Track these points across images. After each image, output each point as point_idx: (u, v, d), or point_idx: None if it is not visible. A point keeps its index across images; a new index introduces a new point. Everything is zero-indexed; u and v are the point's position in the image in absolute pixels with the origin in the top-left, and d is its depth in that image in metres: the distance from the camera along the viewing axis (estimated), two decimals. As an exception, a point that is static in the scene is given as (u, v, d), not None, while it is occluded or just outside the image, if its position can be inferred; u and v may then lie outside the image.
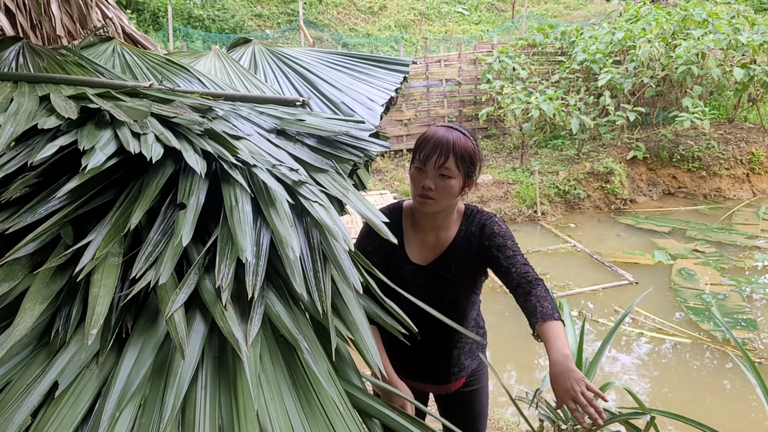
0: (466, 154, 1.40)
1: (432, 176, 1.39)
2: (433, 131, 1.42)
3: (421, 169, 1.40)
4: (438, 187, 1.39)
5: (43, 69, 1.27)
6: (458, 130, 1.44)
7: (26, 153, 0.88)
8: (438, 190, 1.39)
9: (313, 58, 1.71)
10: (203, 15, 10.95)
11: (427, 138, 1.41)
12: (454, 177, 1.39)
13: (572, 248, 6.12)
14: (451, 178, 1.39)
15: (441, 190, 1.39)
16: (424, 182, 1.39)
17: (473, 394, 1.72)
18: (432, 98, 8.37)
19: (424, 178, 1.39)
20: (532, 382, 3.88)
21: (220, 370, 0.71)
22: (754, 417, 3.53)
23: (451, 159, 1.37)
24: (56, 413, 0.63)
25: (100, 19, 2.19)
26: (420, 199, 1.42)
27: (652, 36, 7.34)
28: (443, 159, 1.37)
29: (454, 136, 1.40)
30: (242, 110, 1.14)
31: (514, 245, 1.47)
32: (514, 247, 1.47)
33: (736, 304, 4.80)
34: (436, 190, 1.39)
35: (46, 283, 0.72)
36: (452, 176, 1.39)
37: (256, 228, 0.82)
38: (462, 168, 1.40)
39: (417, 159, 1.41)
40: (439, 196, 1.40)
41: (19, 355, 0.68)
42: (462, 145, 1.40)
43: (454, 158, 1.38)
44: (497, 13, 13.83)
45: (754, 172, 7.54)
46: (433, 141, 1.39)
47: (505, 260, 1.44)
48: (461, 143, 1.40)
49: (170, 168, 0.88)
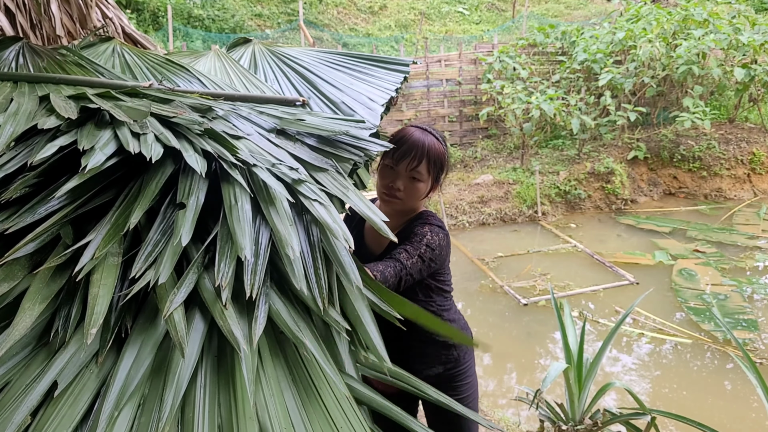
0: (438, 160, 1.42)
1: (403, 177, 1.40)
2: (409, 132, 1.42)
3: (392, 168, 1.40)
4: (407, 188, 1.41)
5: (42, 69, 1.27)
6: (432, 133, 1.44)
7: (26, 153, 0.88)
8: (406, 191, 1.41)
9: (313, 58, 1.71)
10: (203, 15, 10.96)
11: (402, 138, 1.41)
12: (424, 181, 1.41)
13: (573, 248, 6.12)
14: (421, 181, 1.40)
15: (409, 191, 1.41)
16: (395, 182, 1.40)
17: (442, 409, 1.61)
18: (432, 98, 8.37)
19: (395, 178, 1.40)
20: (532, 383, 3.87)
21: (219, 369, 0.71)
22: (754, 417, 3.53)
23: (423, 163, 1.38)
24: (55, 413, 0.63)
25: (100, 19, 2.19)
26: (387, 197, 1.43)
27: (652, 36, 7.34)
28: (416, 162, 1.38)
29: (429, 140, 1.41)
30: (242, 110, 1.14)
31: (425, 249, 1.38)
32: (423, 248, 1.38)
33: (737, 304, 4.79)
34: (405, 191, 1.41)
35: (45, 283, 0.72)
36: (422, 180, 1.40)
37: (255, 227, 0.82)
38: (432, 172, 1.41)
39: (389, 157, 1.41)
40: (406, 197, 1.42)
41: (18, 355, 0.68)
42: (436, 150, 1.40)
43: (427, 162, 1.39)
44: (498, 12, 13.83)
45: (755, 172, 7.53)
46: (408, 143, 1.39)
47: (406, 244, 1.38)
48: (435, 148, 1.41)
49: (170, 168, 0.88)
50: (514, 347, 4.45)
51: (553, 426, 2.71)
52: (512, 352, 4.42)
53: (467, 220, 6.82)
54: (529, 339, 4.56)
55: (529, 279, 5.43)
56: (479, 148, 8.23)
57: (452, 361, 1.58)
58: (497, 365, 4.33)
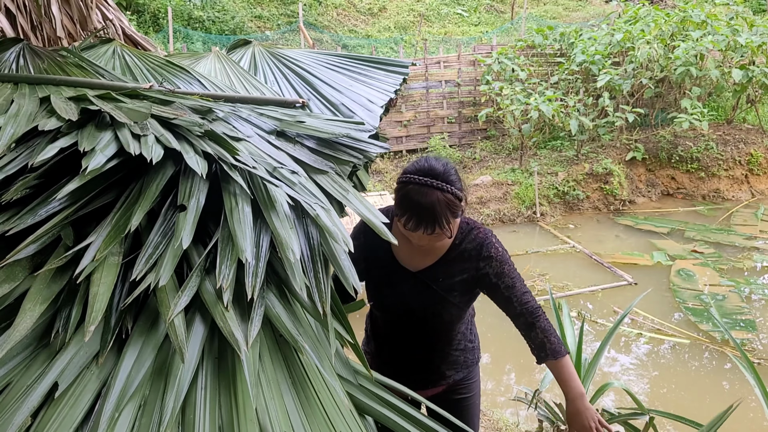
0: (450, 212, 1.33)
1: (425, 240, 1.37)
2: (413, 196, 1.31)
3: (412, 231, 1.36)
4: (432, 241, 1.39)
5: (43, 70, 1.28)
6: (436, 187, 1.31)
7: (27, 154, 0.88)
8: (432, 243, 1.40)
9: (312, 60, 1.71)
10: (203, 16, 10.95)
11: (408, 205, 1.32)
12: (446, 232, 1.36)
13: (571, 249, 6.13)
14: (444, 235, 1.36)
15: (437, 242, 1.40)
16: (420, 244, 1.39)
17: (456, 403, 1.67)
18: (431, 99, 8.38)
19: (418, 240, 1.37)
20: (531, 383, 3.88)
21: (220, 371, 0.71)
22: (752, 417, 3.54)
23: (437, 227, 1.32)
24: (56, 414, 0.63)
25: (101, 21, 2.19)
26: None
27: (650, 37, 7.36)
28: (430, 230, 1.33)
29: (432, 202, 1.30)
30: (242, 112, 1.14)
31: (512, 270, 1.44)
32: (512, 272, 1.44)
33: (735, 304, 4.80)
34: (429, 244, 1.40)
35: (46, 284, 0.72)
36: (445, 233, 1.36)
37: (256, 229, 0.82)
38: (451, 221, 1.35)
39: (403, 222, 1.34)
40: (436, 246, 1.43)
41: (19, 356, 0.68)
42: (445, 207, 1.32)
43: (440, 224, 1.32)
44: (496, 14, 13.84)
45: (753, 173, 7.55)
46: (416, 214, 1.31)
47: (506, 290, 1.43)
48: (443, 205, 1.31)
49: (170, 169, 0.88)
50: (512, 347, 4.45)
51: (551, 426, 2.72)
52: (511, 352, 4.42)
53: (466, 220, 6.82)
54: (527, 340, 4.56)
55: (528, 279, 5.44)
56: (478, 149, 8.24)
57: (472, 364, 1.65)
58: (496, 365, 4.33)
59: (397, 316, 1.53)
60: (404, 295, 1.48)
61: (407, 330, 1.53)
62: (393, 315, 1.55)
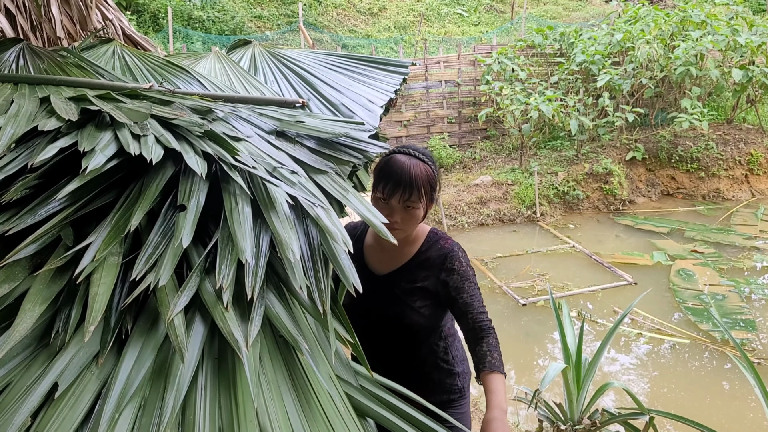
0: (427, 183, 1.42)
1: (398, 210, 1.40)
2: (394, 161, 1.41)
3: (385, 201, 1.40)
4: (404, 219, 1.41)
5: (43, 70, 1.28)
6: (417, 157, 1.43)
7: (26, 155, 0.88)
8: (404, 221, 1.42)
9: (312, 60, 1.71)
10: (203, 16, 10.96)
11: (390, 169, 1.40)
12: (419, 208, 1.41)
13: (571, 249, 6.13)
14: (417, 209, 1.41)
15: (407, 221, 1.42)
16: (391, 216, 1.40)
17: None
18: (431, 99, 8.38)
19: (390, 211, 1.40)
20: (531, 383, 3.88)
21: (219, 372, 0.71)
22: (752, 417, 3.54)
23: (415, 192, 1.39)
24: (56, 414, 0.63)
25: (100, 21, 2.19)
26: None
27: (650, 37, 7.36)
28: (408, 194, 1.38)
29: (416, 167, 1.40)
30: (242, 112, 1.14)
31: (472, 287, 1.45)
32: (472, 289, 1.45)
33: (735, 304, 4.80)
34: (402, 222, 1.42)
35: (46, 284, 0.72)
36: (417, 207, 1.41)
37: (256, 230, 0.82)
38: (425, 196, 1.42)
39: (379, 190, 1.41)
40: (405, 227, 1.43)
41: (19, 356, 0.68)
42: (424, 176, 1.41)
43: (418, 192, 1.39)
44: (496, 14, 13.84)
45: (753, 173, 7.55)
46: (395, 173, 1.39)
47: (462, 305, 1.43)
48: (423, 174, 1.41)
49: (170, 169, 0.88)
50: (512, 347, 4.45)
51: (551, 426, 2.72)
52: (511, 352, 4.43)
53: (466, 220, 6.83)
54: (527, 339, 4.57)
55: (528, 279, 5.44)
56: (478, 149, 8.24)
57: (456, 391, 1.59)
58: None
59: (359, 320, 1.51)
60: (366, 297, 1.47)
61: (374, 338, 1.49)
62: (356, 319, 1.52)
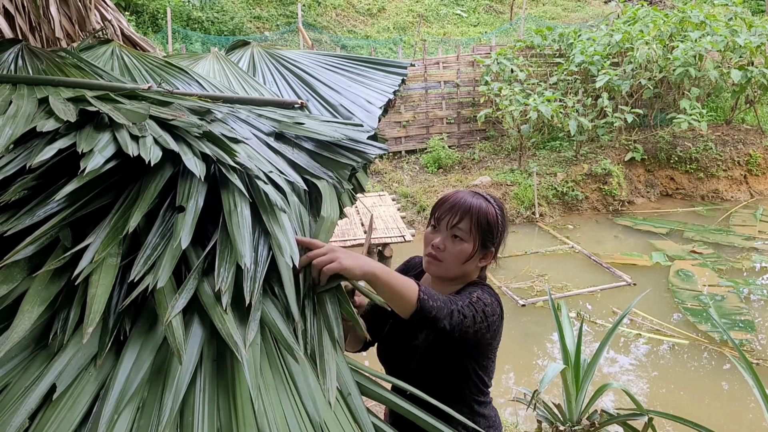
0: (483, 219, 1.29)
1: (443, 235, 1.30)
2: (454, 192, 1.34)
3: (435, 228, 1.32)
4: (448, 248, 1.29)
5: (41, 71, 1.28)
6: (483, 196, 1.34)
7: (25, 156, 0.88)
8: (447, 251, 1.29)
9: (311, 61, 1.71)
10: (202, 17, 10.95)
11: (446, 198, 1.33)
12: (467, 241, 1.28)
13: (570, 249, 6.13)
14: (464, 241, 1.28)
15: (450, 251, 1.29)
16: (435, 240, 1.30)
17: None
18: (430, 100, 8.38)
19: (436, 236, 1.31)
20: (530, 384, 3.88)
21: (218, 374, 0.71)
22: (751, 417, 3.54)
23: (465, 220, 1.28)
24: (54, 416, 0.63)
25: (99, 22, 2.19)
26: (428, 258, 1.32)
27: (649, 38, 7.37)
28: (457, 219, 1.28)
29: (475, 200, 1.31)
30: (241, 113, 1.14)
31: (472, 297, 1.24)
32: (474, 299, 1.24)
33: (734, 305, 4.81)
34: (446, 251, 1.29)
35: (44, 285, 0.72)
36: (464, 239, 1.28)
37: (254, 233, 0.82)
38: (477, 233, 1.28)
39: (433, 218, 1.33)
40: (447, 258, 1.29)
41: (17, 357, 0.68)
42: (481, 210, 1.29)
43: (470, 220, 1.28)
44: (495, 15, 13.85)
45: (752, 173, 7.56)
46: (450, 201, 1.31)
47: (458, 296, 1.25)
48: (481, 208, 1.30)
49: (169, 171, 0.88)
50: (512, 348, 4.45)
51: (550, 426, 2.72)
52: (510, 352, 4.43)
53: (465, 221, 6.83)
54: (526, 340, 4.57)
55: (527, 280, 5.44)
56: (477, 149, 8.24)
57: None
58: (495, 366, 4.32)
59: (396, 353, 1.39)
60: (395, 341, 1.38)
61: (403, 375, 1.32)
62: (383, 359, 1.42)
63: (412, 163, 8.10)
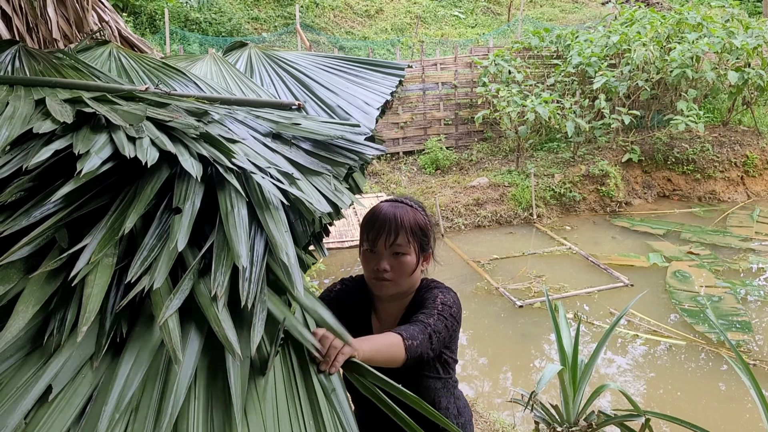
0: (416, 227, 1.31)
1: (385, 257, 1.29)
2: (378, 208, 1.33)
3: (373, 251, 1.31)
4: (393, 267, 1.29)
5: (39, 72, 1.27)
6: (404, 203, 1.35)
7: (21, 157, 0.88)
8: (394, 270, 1.30)
9: (309, 62, 1.71)
10: (200, 18, 10.94)
11: (373, 217, 1.32)
12: (409, 253, 1.30)
13: (567, 250, 6.14)
14: (406, 254, 1.30)
15: (397, 269, 1.30)
16: (378, 265, 1.29)
17: None
18: (428, 101, 8.39)
19: (378, 259, 1.30)
20: (527, 385, 3.88)
21: (214, 378, 0.71)
22: (748, 418, 3.55)
23: (401, 235, 1.28)
24: (49, 417, 0.63)
25: (97, 23, 2.19)
26: (376, 282, 1.32)
27: (647, 39, 7.39)
28: (393, 236, 1.28)
29: (401, 210, 1.31)
30: (238, 114, 1.14)
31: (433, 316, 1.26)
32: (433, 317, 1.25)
33: (731, 306, 4.82)
34: (392, 270, 1.30)
35: (40, 286, 0.72)
36: (406, 253, 1.30)
37: (251, 233, 0.82)
38: (415, 242, 1.31)
39: (366, 240, 1.31)
40: (396, 276, 1.30)
41: (12, 357, 0.68)
42: (410, 219, 1.31)
43: (405, 233, 1.29)
44: (493, 16, 13.88)
45: (749, 174, 7.59)
46: (379, 219, 1.30)
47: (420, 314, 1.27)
48: (409, 217, 1.31)
49: (166, 172, 0.88)
50: (509, 349, 4.45)
51: (548, 427, 2.72)
52: (507, 353, 4.43)
53: (463, 222, 6.83)
54: (524, 341, 4.57)
55: (525, 281, 5.45)
56: (475, 150, 8.25)
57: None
58: (492, 367, 4.33)
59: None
60: None
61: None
62: None
63: (409, 165, 8.11)
